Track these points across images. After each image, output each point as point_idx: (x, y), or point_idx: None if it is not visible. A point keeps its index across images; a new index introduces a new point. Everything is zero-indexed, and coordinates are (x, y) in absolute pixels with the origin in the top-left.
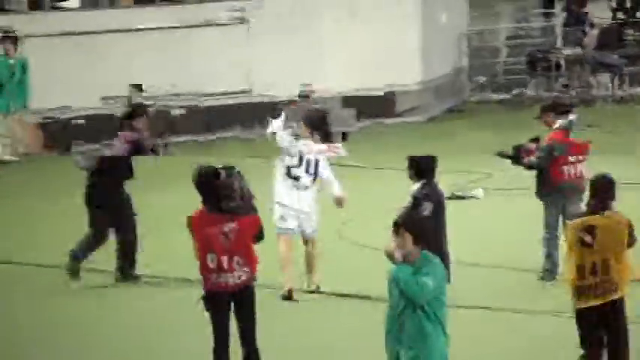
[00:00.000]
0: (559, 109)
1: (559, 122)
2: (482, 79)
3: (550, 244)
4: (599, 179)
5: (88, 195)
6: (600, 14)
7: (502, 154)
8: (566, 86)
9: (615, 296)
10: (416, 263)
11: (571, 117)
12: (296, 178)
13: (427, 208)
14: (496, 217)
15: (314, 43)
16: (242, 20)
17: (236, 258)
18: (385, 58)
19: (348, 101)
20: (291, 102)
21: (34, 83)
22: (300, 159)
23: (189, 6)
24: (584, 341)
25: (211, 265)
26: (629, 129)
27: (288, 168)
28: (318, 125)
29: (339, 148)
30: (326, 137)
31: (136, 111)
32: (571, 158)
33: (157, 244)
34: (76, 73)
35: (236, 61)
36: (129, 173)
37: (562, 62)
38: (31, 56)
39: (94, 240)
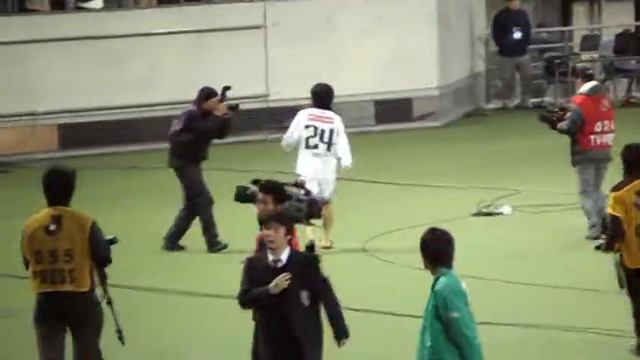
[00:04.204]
0: (583, 74)
1: (582, 87)
2: (499, 83)
3: (586, 202)
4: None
5: None
6: (621, 18)
7: (545, 117)
8: None
9: None
10: None
11: (594, 82)
12: (314, 147)
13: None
14: (525, 234)
15: (334, 46)
16: (261, 25)
17: None
18: (403, 62)
19: (362, 106)
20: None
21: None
22: (315, 129)
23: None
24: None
25: None
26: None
27: (307, 139)
28: None
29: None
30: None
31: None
32: (597, 127)
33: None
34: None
35: (254, 65)
36: None
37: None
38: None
39: None
